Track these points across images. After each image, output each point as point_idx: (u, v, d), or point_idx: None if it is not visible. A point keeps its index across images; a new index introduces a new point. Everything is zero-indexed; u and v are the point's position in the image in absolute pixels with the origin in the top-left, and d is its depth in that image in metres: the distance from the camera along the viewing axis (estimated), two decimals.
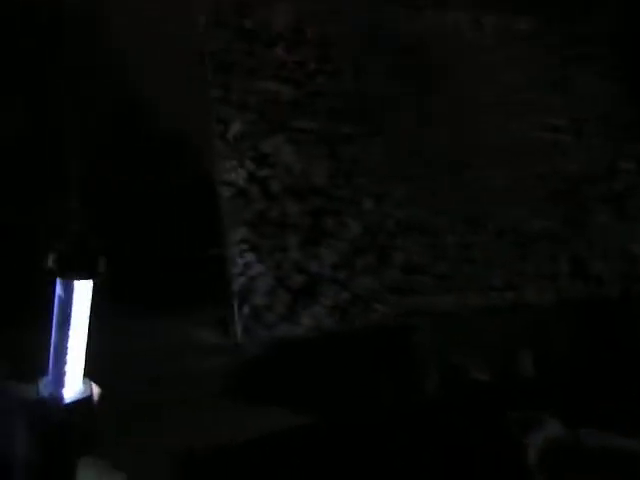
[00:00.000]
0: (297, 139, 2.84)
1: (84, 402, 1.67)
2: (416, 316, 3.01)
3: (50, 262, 1.51)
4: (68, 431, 1.58)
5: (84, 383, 1.67)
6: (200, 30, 2.68)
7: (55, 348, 1.59)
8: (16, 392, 1.33)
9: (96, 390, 1.71)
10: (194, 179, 2.90)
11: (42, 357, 1.65)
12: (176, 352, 2.84)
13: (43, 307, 1.61)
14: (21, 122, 2.70)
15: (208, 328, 2.87)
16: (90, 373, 2.01)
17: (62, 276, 1.51)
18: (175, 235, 2.94)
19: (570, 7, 3.30)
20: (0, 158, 2.62)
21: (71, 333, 1.59)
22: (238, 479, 2.65)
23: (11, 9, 2.68)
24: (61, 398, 1.58)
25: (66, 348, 1.58)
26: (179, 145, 2.91)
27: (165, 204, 2.89)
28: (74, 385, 1.56)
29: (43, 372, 1.57)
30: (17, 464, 1.50)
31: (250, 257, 2.89)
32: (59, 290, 1.59)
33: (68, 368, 1.55)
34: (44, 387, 1.55)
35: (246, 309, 2.95)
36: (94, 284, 1.57)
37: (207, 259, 2.88)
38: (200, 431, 2.74)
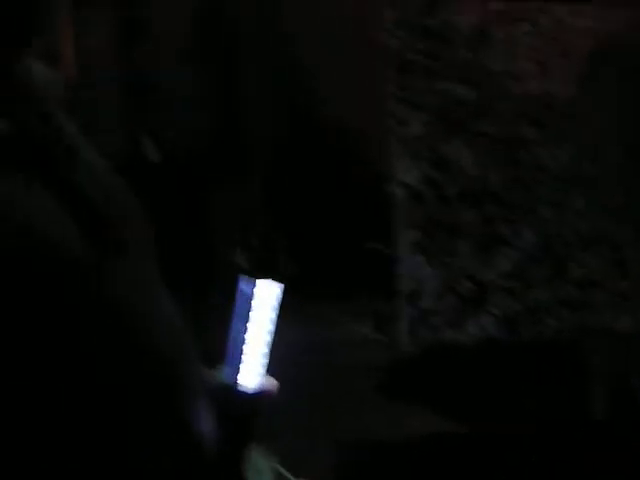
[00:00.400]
0: (475, 142, 2.76)
1: (257, 394, 1.73)
2: (589, 334, 2.86)
3: (237, 257, 1.56)
4: (241, 419, 1.64)
5: (261, 377, 1.73)
6: (384, 29, 2.66)
7: (233, 341, 1.66)
8: (206, 377, 1.40)
9: (271, 383, 1.76)
10: (370, 177, 2.90)
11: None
12: (340, 345, 2.87)
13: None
14: (213, 120, 2.81)
15: (372, 325, 2.88)
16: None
17: (246, 272, 1.56)
18: (348, 231, 2.96)
19: None
20: (189, 158, 2.74)
21: (249, 328, 1.65)
22: (388, 473, 2.65)
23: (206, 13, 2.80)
24: (238, 388, 1.65)
25: (244, 342, 1.64)
26: (357, 143, 2.92)
27: (341, 200, 2.92)
28: (250, 378, 1.61)
29: (225, 360, 1.65)
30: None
31: (420, 259, 2.86)
32: (242, 285, 1.65)
33: (245, 361, 1.61)
34: (223, 375, 1.62)
35: (413, 310, 2.93)
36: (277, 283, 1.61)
37: (377, 257, 2.88)
38: (355, 424, 2.76)
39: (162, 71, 2.79)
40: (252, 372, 1.62)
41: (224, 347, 1.67)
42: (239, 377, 1.62)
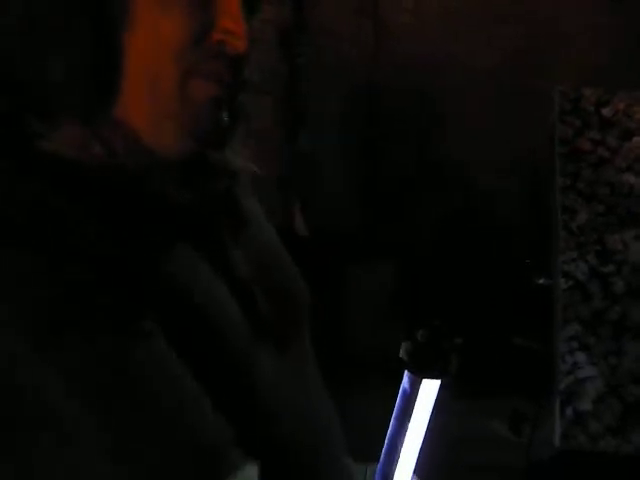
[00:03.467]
0: None
1: None
2: None
3: (402, 352, 1.50)
4: None
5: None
6: (554, 116, 2.64)
7: (390, 440, 1.58)
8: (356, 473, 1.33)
9: None
10: (533, 267, 2.82)
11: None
12: (475, 443, 2.73)
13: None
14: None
15: (510, 425, 2.72)
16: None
17: (411, 370, 1.50)
18: (507, 323, 2.87)
19: None
20: None
21: (409, 430, 1.56)
22: None
23: None
24: None
25: (401, 443, 1.55)
26: (523, 232, 2.85)
27: (501, 293, 2.84)
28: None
29: (379, 458, 1.57)
30: None
31: (581, 357, 2.70)
32: (405, 383, 1.58)
33: (399, 464, 1.53)
34: (376, 474, 1.55)
35: (570, 412, 2.75)
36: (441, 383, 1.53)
37: (535, 352, 2.76)
38: None
39: (319, 152, 2.90)
40: (404, 474, 1.53)
41: (377, 444, 1.58)
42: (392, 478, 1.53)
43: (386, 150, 2.97)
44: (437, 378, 1.54)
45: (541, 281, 2.80)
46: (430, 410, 1.58)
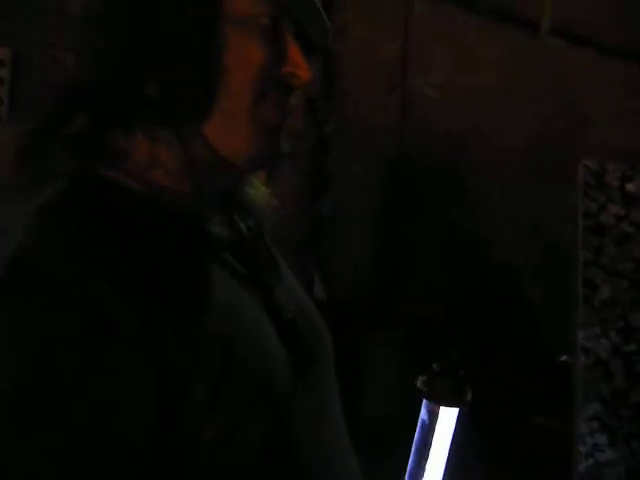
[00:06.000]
0: None
1: None
2: None
3: (419, 383, 1.50)
4: None
5: None
6: (578, 192, 2.62)
7: (410, 474, 1.53)
8: None
9: None
10: (554, 340, 2.76)
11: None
12: None
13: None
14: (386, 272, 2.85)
15: None
16: None
17: (429, 398, 1.48)
18: (525, 396, 2.80)
19: None
20: None
21: (429, 462, 1.52)
22: None
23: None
24: None
25: (421, 476, 1.50)
26: (542, 304, 2.81)
27: (522, 363, 2.78)
28: None
29: None
30: None
31: (601, 439, 2.61)
32: (424, 414, 1.56)
33: None
34: None
35: None
36: (458, 413, 1.52)
37: (555, 432, 2.67)
38: None
39: (342, 218, 2.91)
40: None
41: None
42: None
43: (408, 221, 2.98)
44: (455, 406, 1.51)
45: (563, 358, 2.73)
46: (449, 441, 1.53)
